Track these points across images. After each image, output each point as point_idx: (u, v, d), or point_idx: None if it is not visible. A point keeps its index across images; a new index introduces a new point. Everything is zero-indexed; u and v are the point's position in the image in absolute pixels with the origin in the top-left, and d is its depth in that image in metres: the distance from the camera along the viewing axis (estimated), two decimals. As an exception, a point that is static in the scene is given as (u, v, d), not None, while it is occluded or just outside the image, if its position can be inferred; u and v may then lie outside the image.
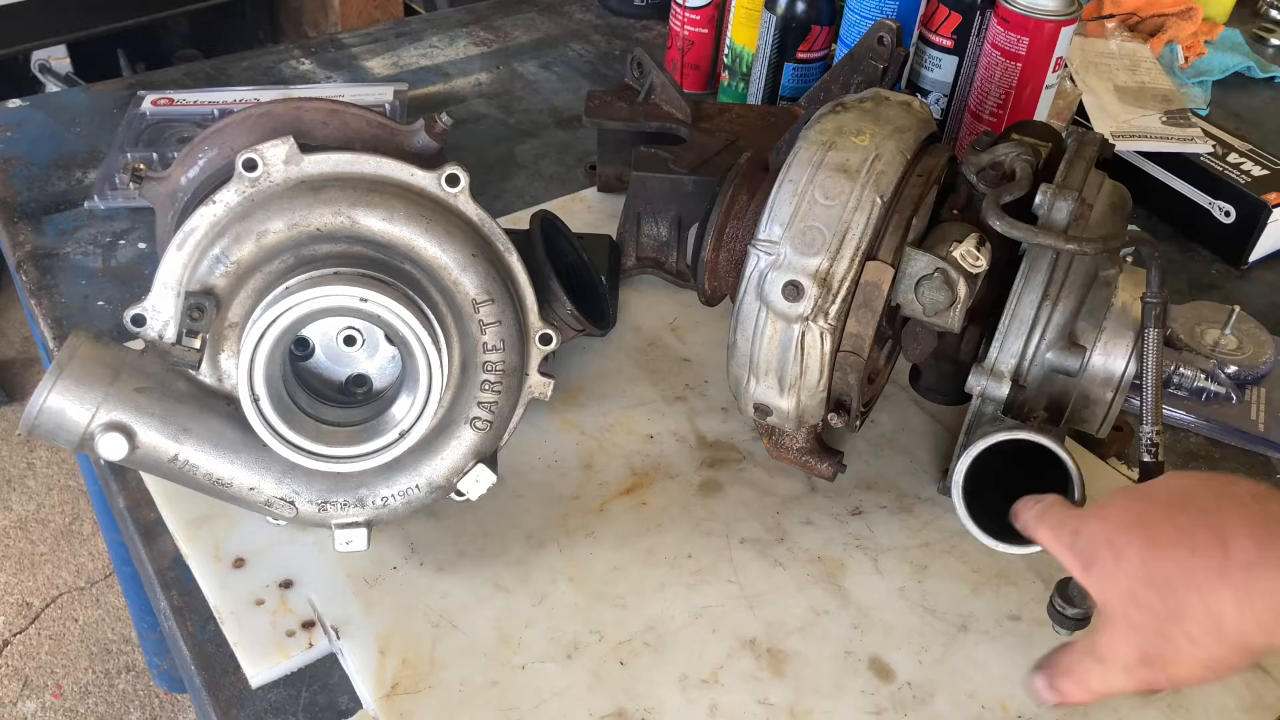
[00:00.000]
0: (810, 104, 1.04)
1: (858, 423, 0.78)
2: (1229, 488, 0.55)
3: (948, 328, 0.71)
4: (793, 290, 0.70)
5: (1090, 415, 0.74)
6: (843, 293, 0.70)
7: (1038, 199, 0.71)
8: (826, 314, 0.70)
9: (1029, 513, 0.64)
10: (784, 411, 0.75)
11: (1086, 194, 0.72)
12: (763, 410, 0.76)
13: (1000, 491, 0.73)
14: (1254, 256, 1.13)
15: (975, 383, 0.73)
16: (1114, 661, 0.55)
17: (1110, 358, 0.72)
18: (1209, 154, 1.15)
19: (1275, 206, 1.10)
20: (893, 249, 0.70)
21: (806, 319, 0.71)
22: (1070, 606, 0.70)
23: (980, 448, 0.70)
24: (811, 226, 0.71)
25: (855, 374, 0.73)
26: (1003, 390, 0.72)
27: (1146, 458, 0.68)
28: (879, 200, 0.70)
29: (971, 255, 0.70)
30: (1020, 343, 0.72)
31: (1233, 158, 1.15)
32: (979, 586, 0.77)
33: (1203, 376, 0.92)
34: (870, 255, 0.70)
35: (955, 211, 0.76)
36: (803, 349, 0.72)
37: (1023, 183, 0.72)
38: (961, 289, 0.69)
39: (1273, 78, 1.46)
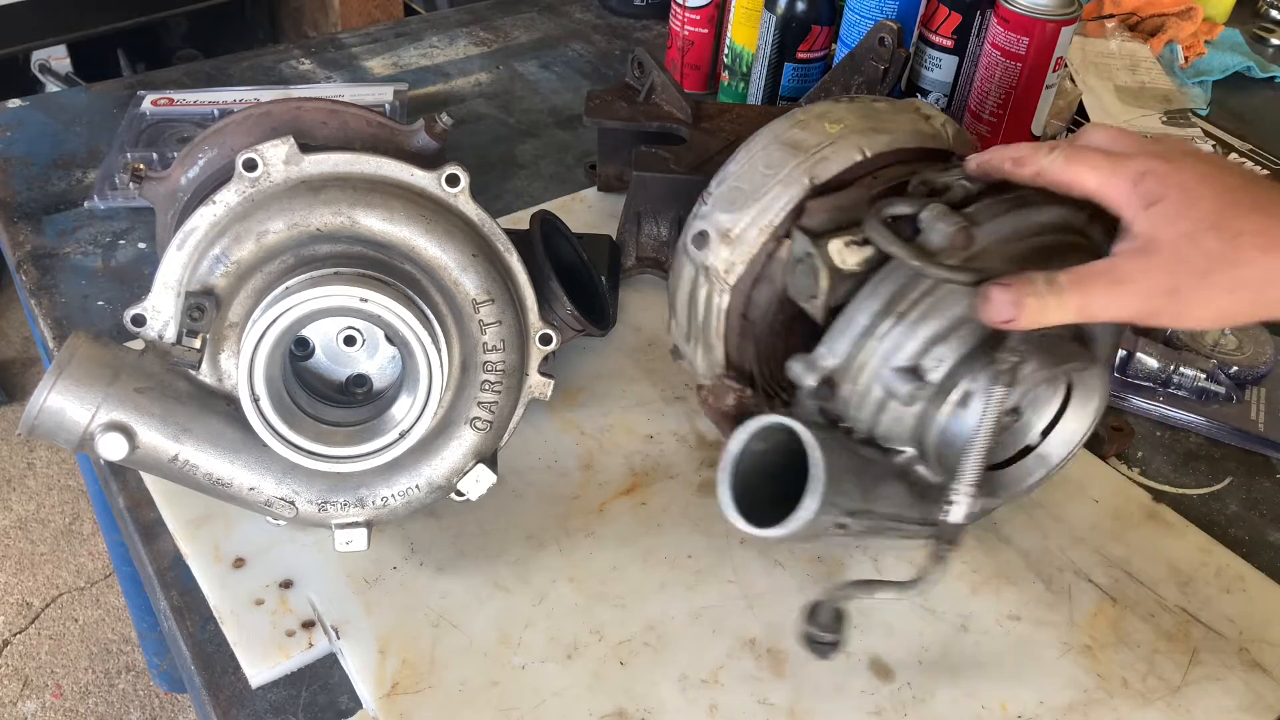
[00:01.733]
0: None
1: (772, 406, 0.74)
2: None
3: (814, 317, 0.69)
4: (700, 239, 0.73)
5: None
6: (746, 257, 0.71)
7: (922, 214, 0.67)
8: (728, 273, 0.72)
9: (1044, 155, 0.64)
10: (692, 360, 0.77)
11: (986, 224, 0.66)
12: (676, 353, 0.80)
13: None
14: (1254, 256, 1.13)
15: (791, 367, 0.70)
16: (1137, 286, 0.58)
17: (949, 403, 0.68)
18: (1209, 154, 1.16)
19: (1275, 206, 1.10)
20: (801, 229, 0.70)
21: (707, 270, 0.72)
22: (825, 633, 0.68)
23: (743, 436, 0.67)
24: (739, 188, 0.73)
25: (754, 346, 0.72)
26: (808, 381, 0.68)
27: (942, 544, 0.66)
28: (808, 182, 0.71)
29: (844, 250, 0.67)
30: (847, 345, 0.67)
31: (1233, 158, 1.15)
32: (979, 586, 0.77)
33: (1203, 376, 0.92)
34: (786, 234, 0.70)
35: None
36: (701, 299, 0.74)
37: (915, 201, 0.68)
38: (823, 280, 0.67)
39: (1273, 78, 1.46)
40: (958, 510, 0.65)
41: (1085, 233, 0.69)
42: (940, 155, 0.75)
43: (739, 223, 0.72)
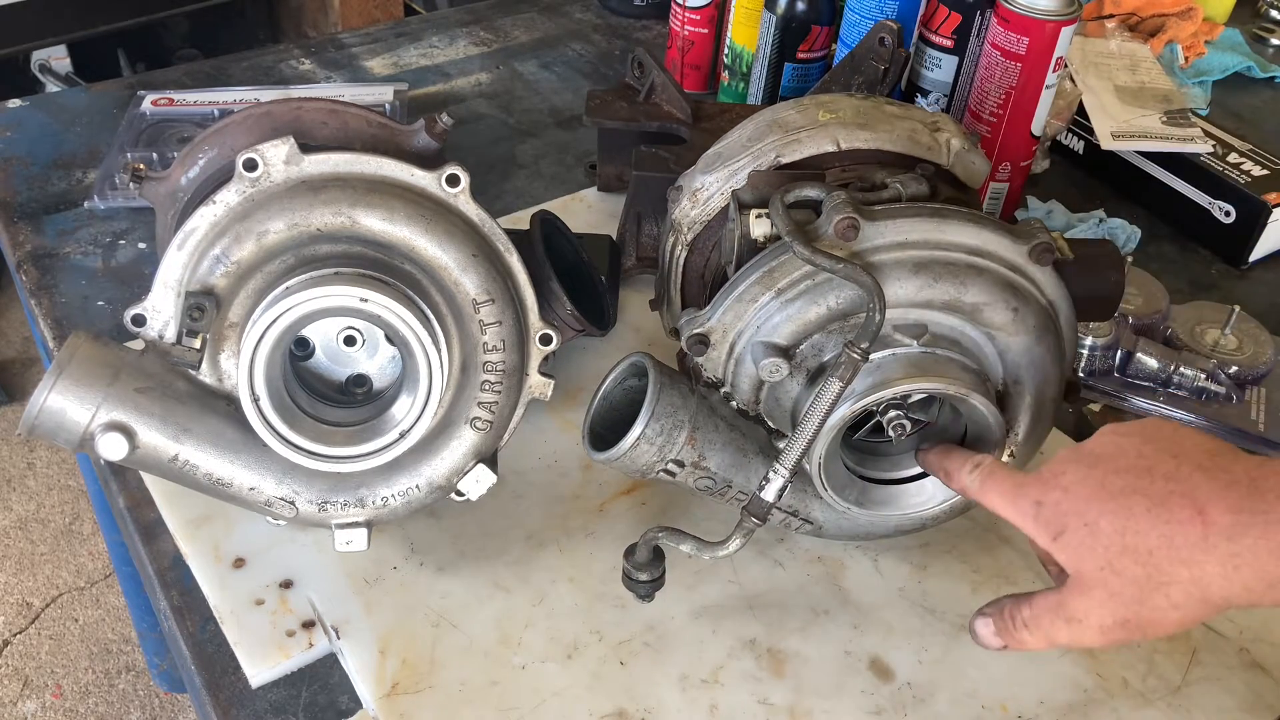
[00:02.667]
0: (810, 104, 1.04)
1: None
2: (1180, 445, 0.57)
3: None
4: (675, 193, 0.79)
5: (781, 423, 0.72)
6: (706, 217, 0.76)
7: (824, 201, 0.67)
8: (689, 230, 0.77)
9: (966, 473, 0.65)
10: (661, 310, 0.81)
11: (881, 223, 0.66)
12: (653, 304, 0.86)
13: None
14: (1254, 256, 1.13)
15: (681, 318, 0.70)
16: (1089, 624, 0.58)
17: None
18: (1209, 154, 1.15)
19: (1275, 206, 1.10)
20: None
21: (674, 223, 0.77)
22: (641, 573, 0.70)
23: (618, 369, 0.71)
24: (720, 153, 0.77)
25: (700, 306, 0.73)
26: (689, 330, 0.69)
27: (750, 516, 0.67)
28: (776, 158, 0.74)
29: (755, 222, 0.68)
30: (724, 308, 0.68)
31: (1233, 158, 1.15)
32: (979, 586, 0.77)
33: (1203, 376, 0.92)
34: (743, 203, 0.71)
35: None
36: (668, 250, 0.79)
37: (825, 188, 0.69)
38: (735, 245, 0.69)
39: (1273, 78, 1.46)
40: (771, 488, 0.66)
41: (1020, 269, 0.67)
42: (926, 167, 0.75)
43: (707, 184, 0.76)
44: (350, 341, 0.68)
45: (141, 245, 1.02)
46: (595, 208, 1.10)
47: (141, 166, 0.74)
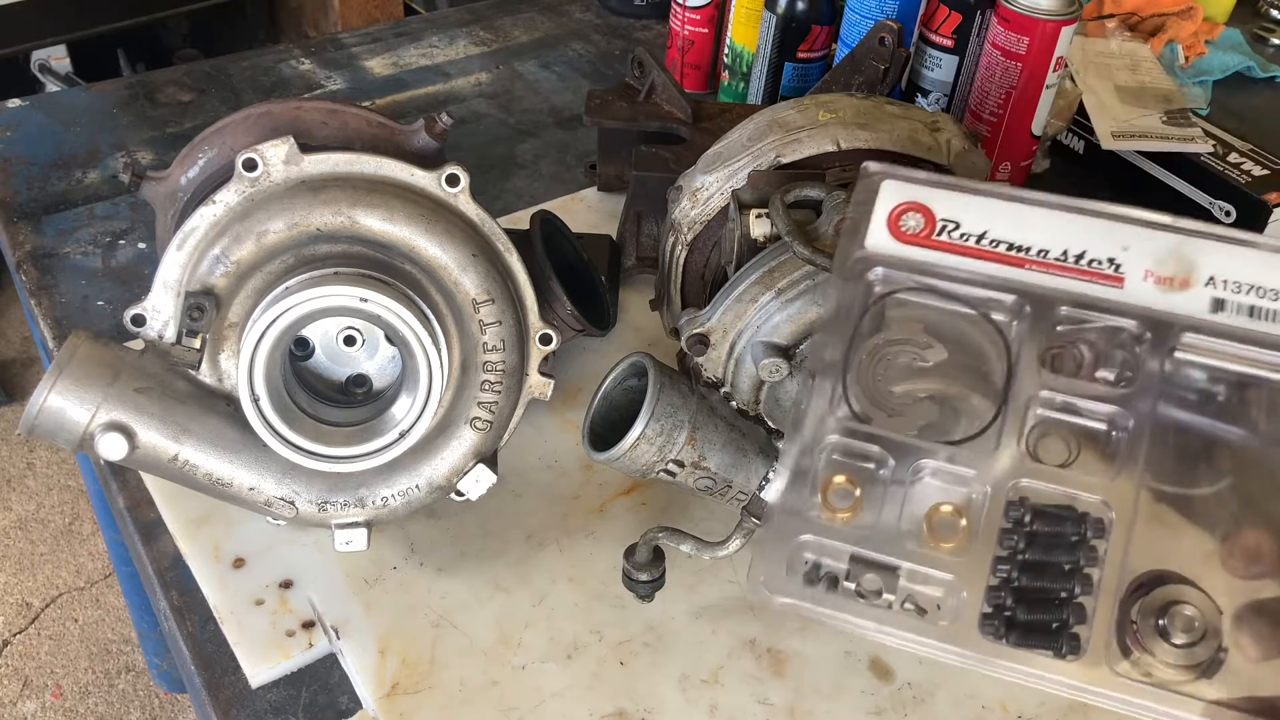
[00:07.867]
0: (810, 104, 1.04)
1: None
2: None
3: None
4: (675, 192, 0.79)
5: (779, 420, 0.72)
6: (706, 217, 0.76)
7: (824, 201, 0.68)
8: (689, 229, 0.77)
9: None
10: (661, 310, 0.81)
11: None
12: (653, 304, 0.86)
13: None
14: (1254, 256, 1.13)
15: (681, 318, 0.70)
16: None
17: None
18: (1209, 154, 1.15)
19: (1275, 206, 1.10)
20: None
21: (674, 223, 0.78)
22: (641, 573, 0.70)
23: (618, 370, 0.71)
24: (720, 152, 0.78)
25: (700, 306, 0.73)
26: (689, 330, 0.69)
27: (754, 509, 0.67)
28: (777, 158, 0.74)
29: (755, 222, 0.69)
30: (724, 307, 0.68)
31: (1233, 158, 1.15)
32: (979, 586, 0.77)
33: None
34: (743, 203, 0.71)
35: None
36: (668, 250, 0.79)
37: (825, 188, 0.69)
38: (735, 245, 0.69)
39: (1273, 78, 1.46)
40: (772, 489, 0.65)
41: None
42: (926, 166, 0.75)
43: (707, 184, 0.76)
44: (350, 341, 0.68)
45: (141, 245, 1.02)
46: (595, 208, 1.10)
47: (139, 161, 0.74)
